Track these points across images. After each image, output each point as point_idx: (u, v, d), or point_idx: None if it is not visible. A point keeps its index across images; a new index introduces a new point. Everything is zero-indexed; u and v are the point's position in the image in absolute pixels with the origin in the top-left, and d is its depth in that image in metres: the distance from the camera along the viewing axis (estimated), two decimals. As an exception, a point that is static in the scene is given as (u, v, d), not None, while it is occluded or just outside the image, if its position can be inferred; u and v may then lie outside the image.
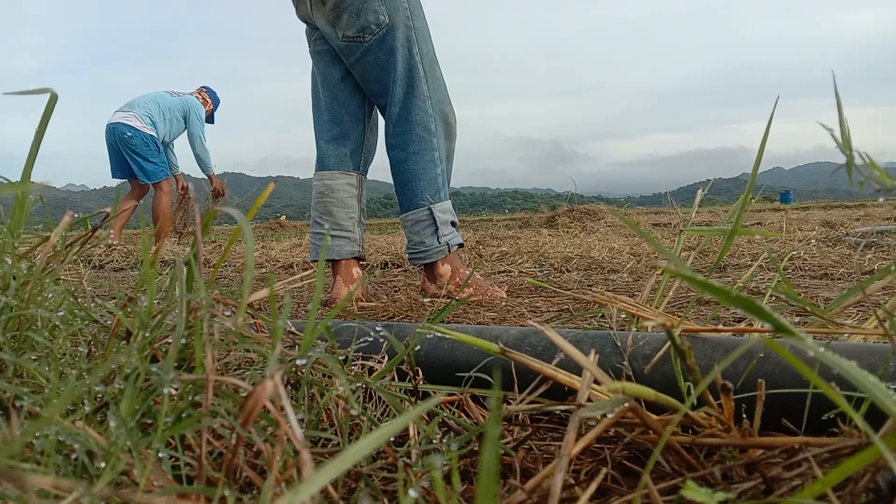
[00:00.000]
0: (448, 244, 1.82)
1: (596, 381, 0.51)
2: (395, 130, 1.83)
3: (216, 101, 5.50)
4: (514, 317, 1.51)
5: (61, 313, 0.56)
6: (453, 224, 1.86)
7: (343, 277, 1.83)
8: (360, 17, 1.74)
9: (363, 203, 1.92)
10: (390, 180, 1.93)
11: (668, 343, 0.65)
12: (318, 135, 1.92)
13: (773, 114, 0.62)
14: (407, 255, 1.89)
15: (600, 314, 1.07)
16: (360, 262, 1.91)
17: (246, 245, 0.44)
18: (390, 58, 1.78)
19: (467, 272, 1.87)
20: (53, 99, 0.55)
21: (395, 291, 2.03)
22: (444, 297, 1.79)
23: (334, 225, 1.84)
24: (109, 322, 0.61)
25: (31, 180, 0.58)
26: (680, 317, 0.71)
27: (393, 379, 0.71)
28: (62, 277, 0.61)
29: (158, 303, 0.54)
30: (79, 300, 0.63)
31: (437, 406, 0.65)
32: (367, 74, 1.82)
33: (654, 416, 0.50)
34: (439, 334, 0.66)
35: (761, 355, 0.59)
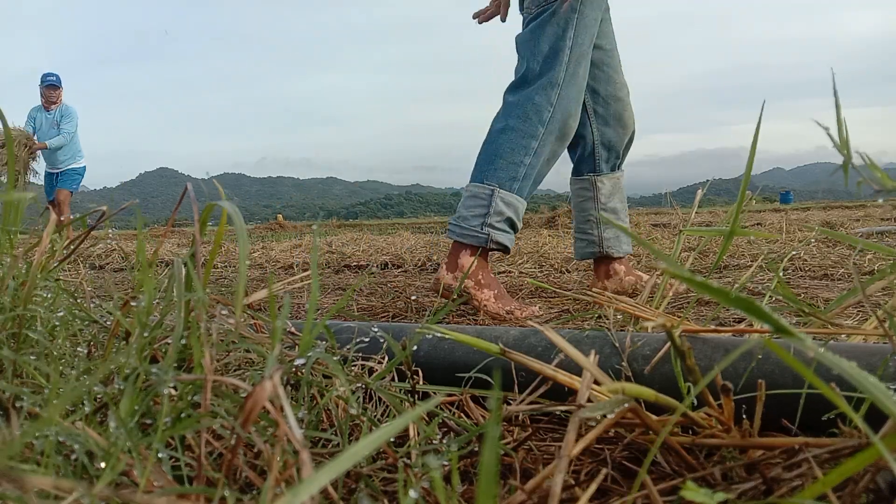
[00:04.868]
0: (489, 236, 1.58)
1: (596, 382, 0.51)
2: (509, 101, 1.70)
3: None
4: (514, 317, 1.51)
5: (61, 314, 0.56)
6: (511, 224, 1.62)
7: (597, 274, 1.90)
8: None
9: (602, 202, 1.89)
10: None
11: (668, 344, 0.65)
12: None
13: (760, 117, 0.62)
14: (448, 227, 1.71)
15: (600, 315, 1.07)
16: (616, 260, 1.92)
17: (239, 243, 0.44)
18: (541, 32, 1.68)
19: (491, 278, 1.62)
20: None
21: (395, 291, 2.03)
22: (457, 294, 1.55)
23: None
24: (109, 322, 0.61)
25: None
26: (680, 317, 0.71)
27: (393, 379, 0.71)
28: (62, 278, 0.61)
29: (157, 303, 0.54)
30: (78, 300, 0.63)
31: (436, 406, 0.65)
32: (519, 45, 1.75)
33: (654, 417, 0.50)
34: (439, 335, 0.66)
35: (761, 356, 0.59)
